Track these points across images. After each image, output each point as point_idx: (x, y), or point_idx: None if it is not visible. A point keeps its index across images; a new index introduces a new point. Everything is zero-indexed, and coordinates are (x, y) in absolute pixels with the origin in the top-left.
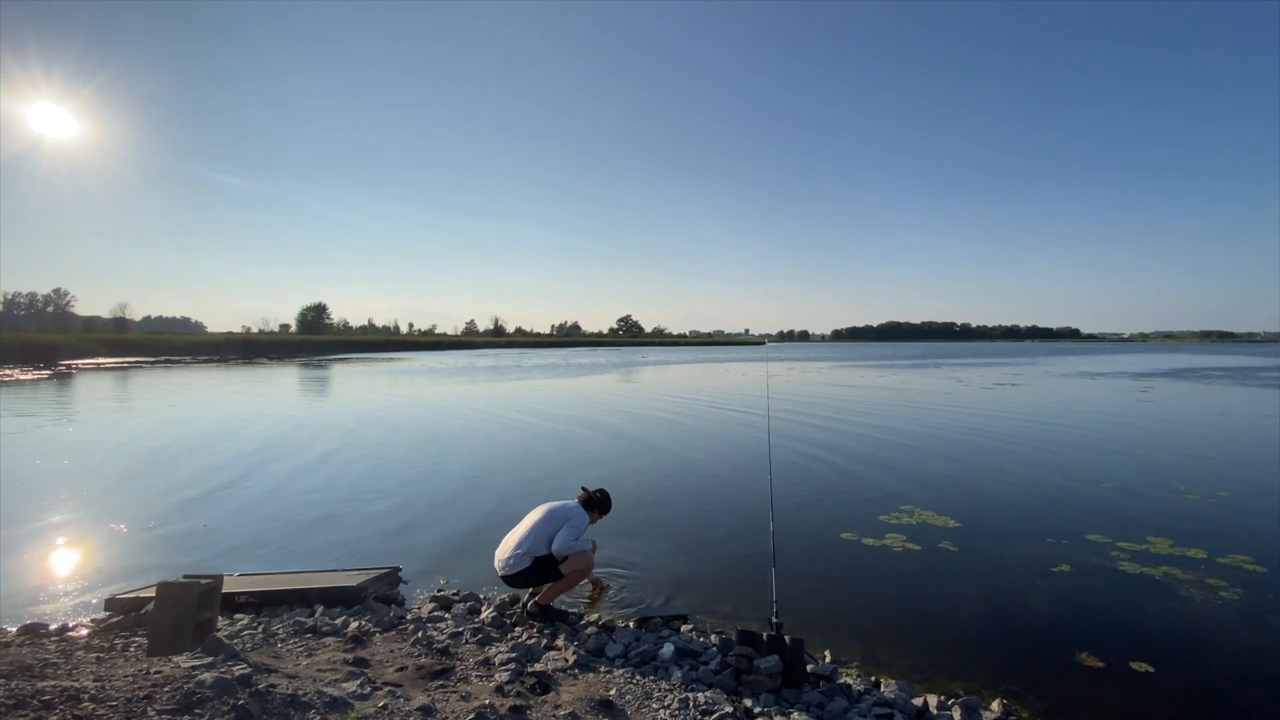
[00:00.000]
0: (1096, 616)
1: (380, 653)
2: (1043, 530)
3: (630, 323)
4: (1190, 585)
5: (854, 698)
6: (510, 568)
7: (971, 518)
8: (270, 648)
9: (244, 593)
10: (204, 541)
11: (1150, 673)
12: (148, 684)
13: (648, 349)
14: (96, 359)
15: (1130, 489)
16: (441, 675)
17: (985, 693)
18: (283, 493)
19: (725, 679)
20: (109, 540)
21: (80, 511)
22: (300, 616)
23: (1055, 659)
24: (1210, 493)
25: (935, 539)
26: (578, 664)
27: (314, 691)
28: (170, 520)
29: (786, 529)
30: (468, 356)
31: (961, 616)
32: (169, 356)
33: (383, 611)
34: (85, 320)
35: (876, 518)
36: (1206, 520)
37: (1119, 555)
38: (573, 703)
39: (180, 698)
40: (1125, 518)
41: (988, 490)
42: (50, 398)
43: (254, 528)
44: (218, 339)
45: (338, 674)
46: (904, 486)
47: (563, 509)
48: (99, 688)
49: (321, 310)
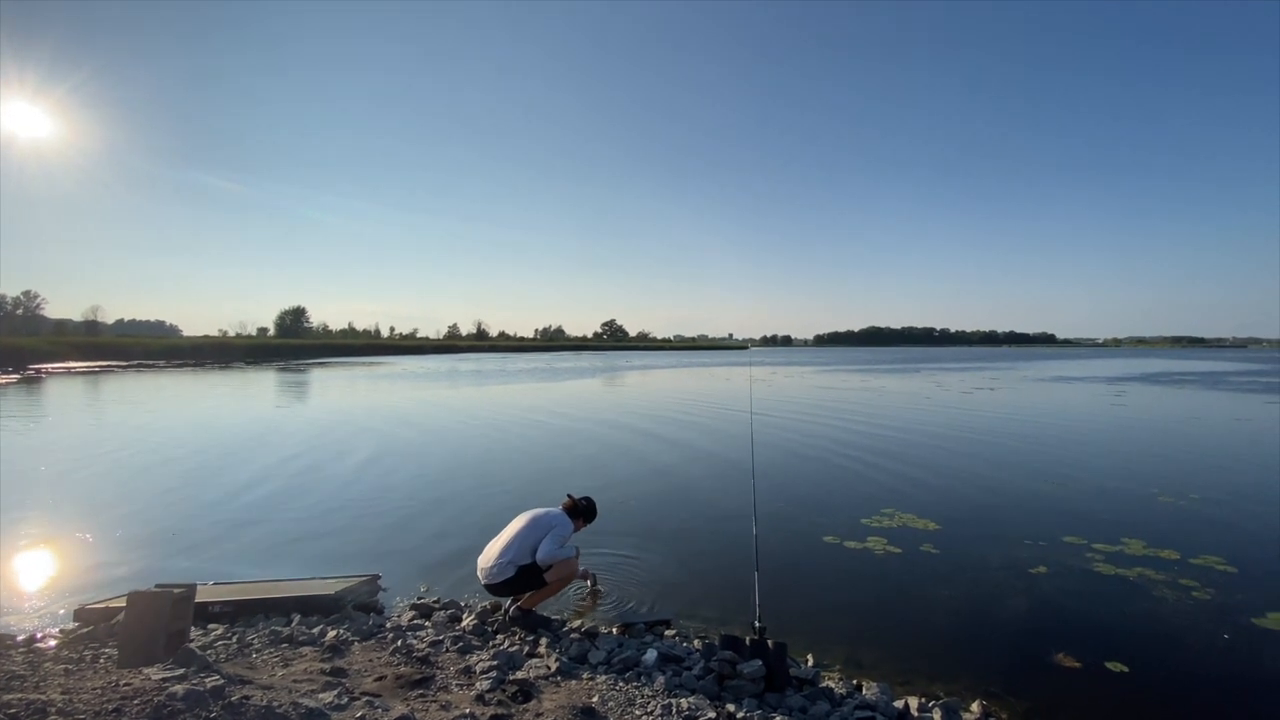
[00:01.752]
0: (1073, 617)
1: (359, 662)
2: (1021, 532)
3: (614, 327)
4: (1164, 586)
5: (836, 701)
6: (493, 576)
7: (951, 520)
8: (245, 658)
9: (218, 602)
10: (176, 549)
11: (1126, 672)
12: (117, 696)
13: (632, 353)
14: (67, 363)
15: (1105, 491)
16: (421, 684)
17: (965, 694)
18: (257, 499)
19: (708, 684)
20: (78, 549)
21: (49, 519)
22: (276, 626)
23: (1034, 660)
24: (1183, 495)
25: (916, 542)
26: (560, 671)
27: (289, 703)
28: (141, 527)
29: (769, 533)
30: (450, 361)
31: (942, 619)
32: (142, 360)
33: (361, 620)
34: (56, 323)
35: (858, 521)
36: (1179, 522)
37: (1094, 557)
38: (555, 710)
39: (150, 711)
40: (1101, 520)
41: (967, 493)
42: (19, 402)
43: (228, 535)
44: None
45: (314, 684)
46: (885, 489)
47: (546, 516)
48: (66, 700)
49: (300, 314)
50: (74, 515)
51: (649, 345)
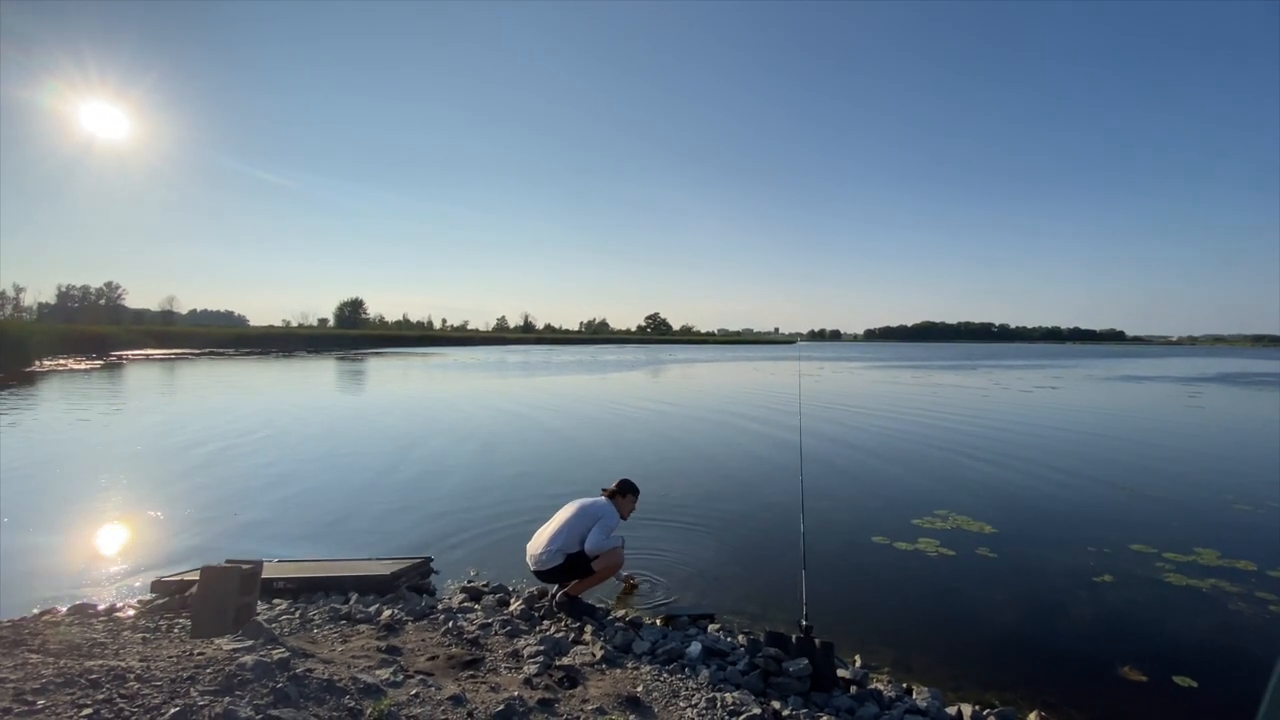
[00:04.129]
0: (1140, 629)
1: (412, 641)
2: (1083, 539)
3: (658, 320)
4: (1238, 599)
5: (885, 704)
6: (543, 564)
7: (1008, 524)
8: (307, 633)
9: (282, 579)
10: (245, 528)
11: (1194, 687)
12: (191, 665)
13: (675, 347)
14: (145, 350)
15: (1177, 498)
16: (471, 665)
17: (1022, 704)
18: (316, 483)
19: (753, 680)
20: (156, 525)
21: (129, 497)
22: (335, 603)
23: (1095, 671)
24: (1261, 503)
25: (970, 545)
26: (605, 659)
27: (349, 677)
28: (214, 507)
29: (817, 529)
30: (499, 352)
31: (997, 625)
32: (213, 349)
33: (414, 601)
34: (135, 313)
35: (909, 521)
36: (1256, 531)
37: (1164, 566)
38: (600, 698)
39: (222, 679)
40: (1171, 528)
41: (1025, 496)
42: (103, 387)
43: (292, 516)
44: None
45: (371, 661)
46: (938, 490)
47: (594, 506)
48: (144, 668)
49: (358, 305)
50: (151, 493)
51: (693, 339)
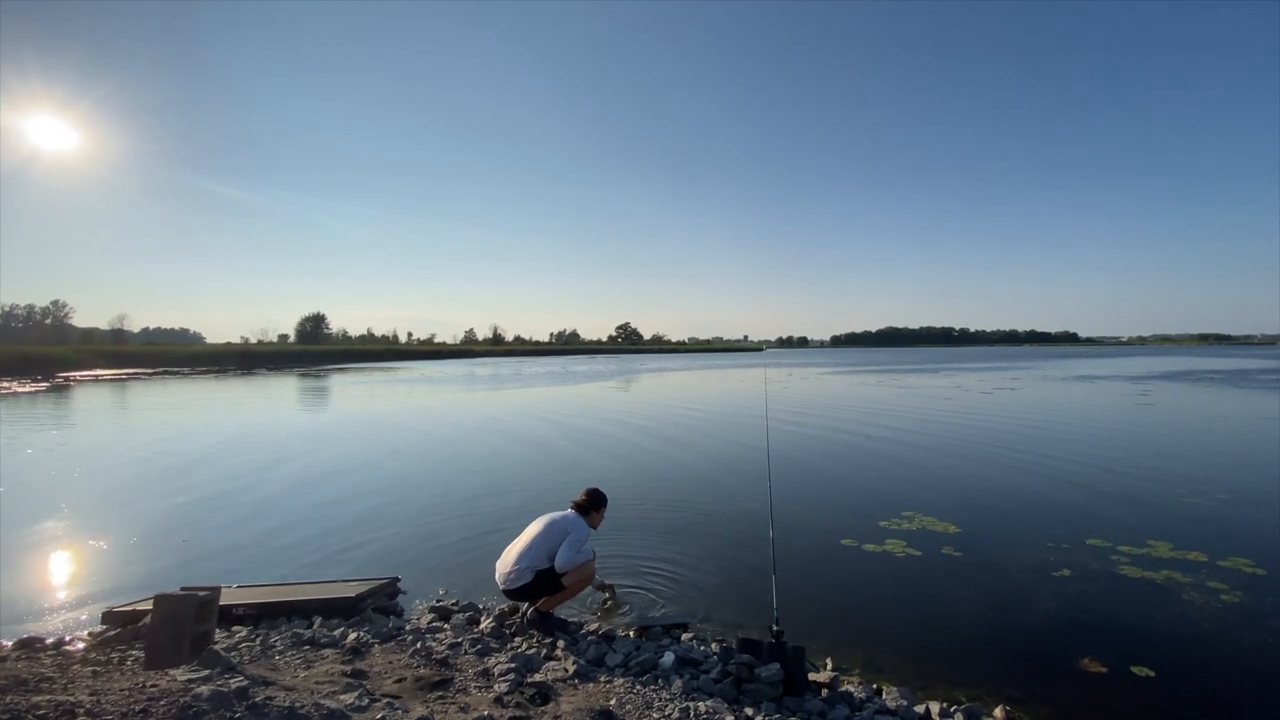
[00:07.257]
0: (1098, 621)
1: (379, 664)
2: (1043, 535)
3: (629, 330)
4: (1191, 589)
5: (856, 705)
6: (512, 582)
7: (972, 523)
8: (268, 660)
9: (242, 604)
10: (199, 553)
11: (1152, 677)
12: (144, 698)
13: (647, 356)
14: (94, 371)
15: (1130, 493)
16: (440, 686)
17: (988, 699)
18: (278, 504)
19: (726, 688)
20: (106, 553)
21: (78, 524)
22: (298, 628)
23: (1058, 664)
24: (1210, 496)
25: (936, 545)
26: (578, 674)
27: (311, 704)
28: (168, 533)
29: (786, 535)
30: (467, 365)
31: (964, 623)
32: (167, 368)
33: (381, 623)
34: (83, 332)
35: (877, 523)
36: (1206, 524)
37: (1120, 559)
38: (573, 713)
39: (176, 711)
40: (1125, 522)
41: (988, 495)
42: (47, 410)
43: (252, 539)
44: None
45: (336, 686)
46: (904, 492)
47: (563, 521)
48: (94, 702)
49: (320, 320)
50: (101, 520)
51: (664, 348)
